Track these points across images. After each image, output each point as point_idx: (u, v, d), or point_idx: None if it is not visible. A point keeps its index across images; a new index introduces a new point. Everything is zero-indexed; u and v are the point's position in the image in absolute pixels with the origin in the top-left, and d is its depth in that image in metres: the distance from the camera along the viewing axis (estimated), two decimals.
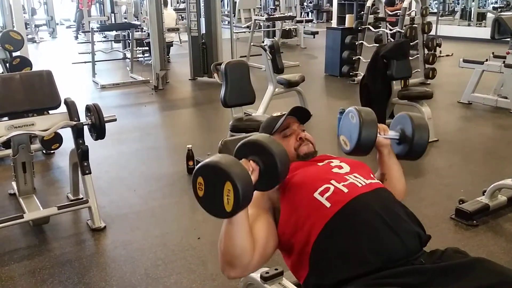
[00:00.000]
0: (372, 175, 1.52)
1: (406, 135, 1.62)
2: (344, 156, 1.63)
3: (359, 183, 1.42)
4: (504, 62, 5.24)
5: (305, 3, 15.67)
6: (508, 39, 5.35)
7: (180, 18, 11.10)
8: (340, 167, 1.49)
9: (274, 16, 9.83)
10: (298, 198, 1.40)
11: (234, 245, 1.29)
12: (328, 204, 1.35)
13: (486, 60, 5.47)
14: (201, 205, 1.27)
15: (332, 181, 1.41)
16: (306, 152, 1.58)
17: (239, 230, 1.29)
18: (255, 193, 1.31)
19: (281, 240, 1.43)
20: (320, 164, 1.54)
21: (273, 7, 12.61)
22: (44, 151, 4.08)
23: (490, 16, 11.73)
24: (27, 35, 8.34)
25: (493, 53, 5.54)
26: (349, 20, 7.32)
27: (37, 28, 13.70)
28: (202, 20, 7.05)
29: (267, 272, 1.56)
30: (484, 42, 8.38)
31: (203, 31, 7.07)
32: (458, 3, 13.84)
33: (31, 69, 4.18)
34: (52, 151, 4.03)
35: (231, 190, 1.19)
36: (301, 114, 1.67)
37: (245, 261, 1.32)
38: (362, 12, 7.11)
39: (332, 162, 1.53)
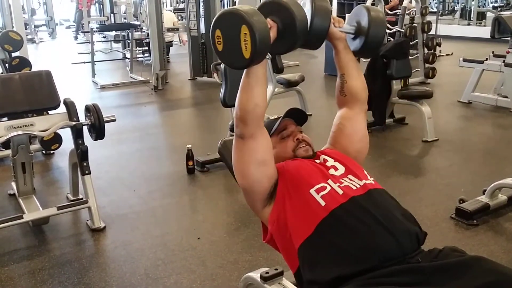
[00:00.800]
0: (366, 174, 1.52)
1: (361, 27, 1.55)
2: (334, 147, 1.64)
3: (354, 185, 1.43)
4: (504, 61, 5.23)
5: None
6: (508, 38, 5.35)
7: (179, 18, 11.08)
8: (336, 169, 1.50)
9: None
10: (294, 192, 1.42)
11: (249, 99, 1.36)
12: (323, 203, 1.37)
13: (486, 59, 5.46)
14: (221, 60, 1.32)
15: (329, 181, 1.43)
16: (304, 156, 1.58)
17: (254, 83, 1.36)
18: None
19: (273, 228, 1.44)
20: (317, 161, 1.55)
21: None
22: (43, 152, 4.07)
23: (490, 15, 11.72)
24: (26, 35, 8.30)
25: (493, 52, 5.53)
26: None
27: (37, 29, 13.69)
28: (202, 20, 7.04)
29: (267, 272, 1.54)
30: (484, 41, 8.36)
31: (202, 31, 7.06)
32: (458, 3, 13.84)
33: (30, 70, 4.17)
34: (51, 152, 4.03)
35: (248, 33, 1.20)
36: (297, 116, 1.67)
37: (257, 118, 1.39)
38: None
39: (328, 161, 1.54)
